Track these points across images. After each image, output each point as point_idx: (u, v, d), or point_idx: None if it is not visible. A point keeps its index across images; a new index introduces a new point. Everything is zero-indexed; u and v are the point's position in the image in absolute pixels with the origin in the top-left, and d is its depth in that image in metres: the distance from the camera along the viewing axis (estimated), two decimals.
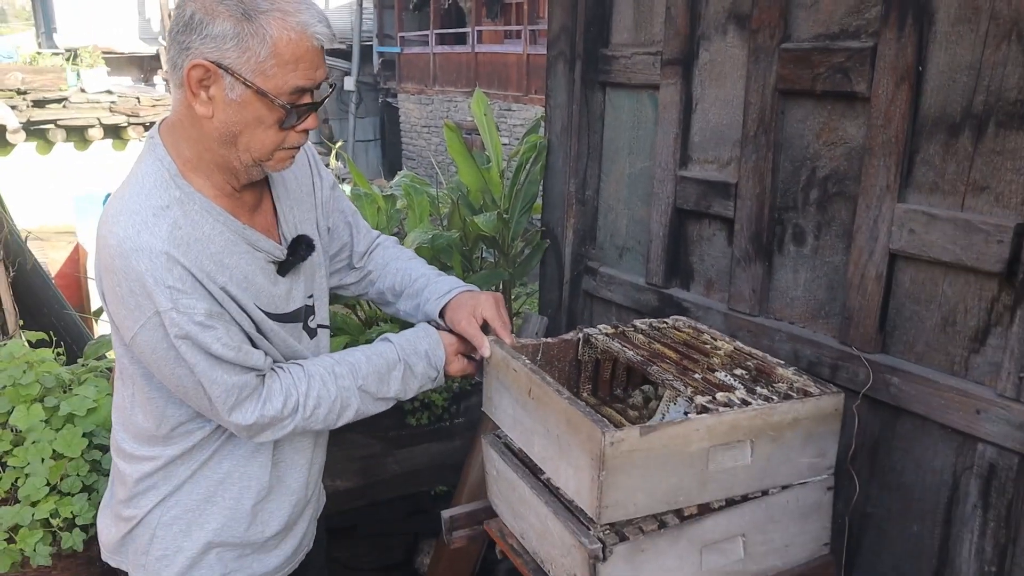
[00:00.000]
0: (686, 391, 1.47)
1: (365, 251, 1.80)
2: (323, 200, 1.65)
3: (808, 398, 1.46)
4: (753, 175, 1.91)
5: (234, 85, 1.28)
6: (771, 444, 1.44)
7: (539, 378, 1.47)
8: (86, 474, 2.11)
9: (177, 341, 1.31)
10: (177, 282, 1.29)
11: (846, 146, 1.73)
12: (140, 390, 1.45)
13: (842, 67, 1.68)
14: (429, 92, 18.09)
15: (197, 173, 1.37)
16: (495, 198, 2.73)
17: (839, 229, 1.78)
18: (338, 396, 1.51)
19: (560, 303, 2.59)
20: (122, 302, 1.31)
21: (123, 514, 1.54)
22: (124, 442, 1.51)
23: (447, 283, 1.74)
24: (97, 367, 2.46)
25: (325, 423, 1.51)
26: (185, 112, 1.34)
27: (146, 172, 1.35)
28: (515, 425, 1.58)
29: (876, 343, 1.70)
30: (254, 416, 1.42)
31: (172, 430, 1.47)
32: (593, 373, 1.81)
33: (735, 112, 1.97)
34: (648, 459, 1.33)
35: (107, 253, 1.30)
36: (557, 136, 2.51)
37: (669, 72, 2.11)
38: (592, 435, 1.30)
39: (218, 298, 1.35)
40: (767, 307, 1.96)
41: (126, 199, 1.33)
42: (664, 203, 2.17)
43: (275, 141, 1.35)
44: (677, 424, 1.34)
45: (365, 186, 2.80)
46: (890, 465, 1.72)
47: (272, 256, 1.46)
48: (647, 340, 1.74)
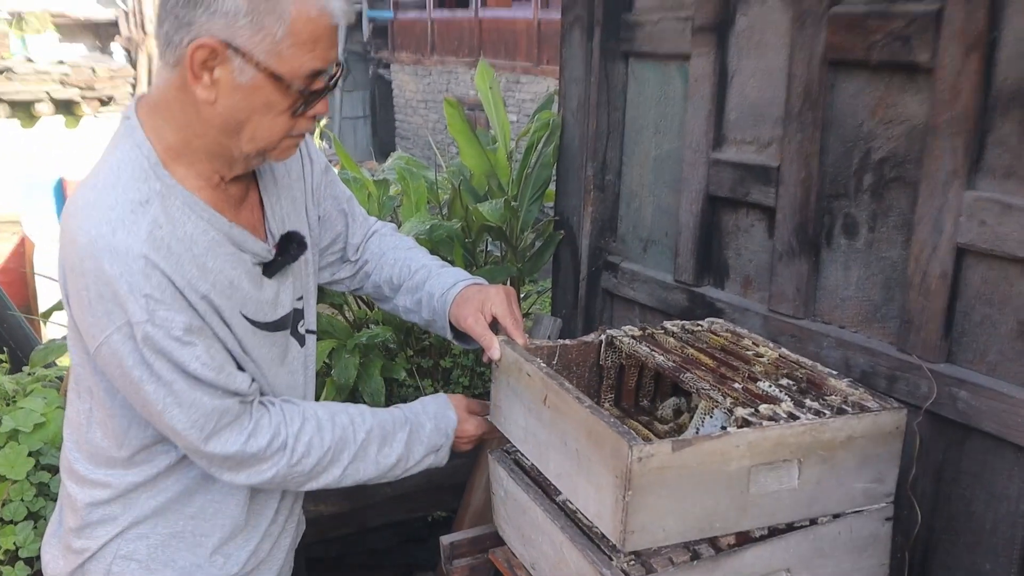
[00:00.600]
0: (724, 402, 1.47)
1: (361, 241, 1.81)
2: (314, 186, 1.65)
3: (865, 414, 1.45)
4: (798, 158, 1.90)
5: (244, 68, 1.27)
6: (821, 465, 1.43)
7: (556, 384, 1.46)
8: (31, 499, 2.12)
9: (150, 356, 1.30)
10: (155, 291, 1.28)
11: (906, 124, 1.73)
12: (100, 405, 1.44)
13: (902, 34, 1.67)
14: (426, 63, 18.11)
15: (180, 161, 1.36)
16: (502, 183, 2.73)
17: (897, 220, 1.77)
18: (332, 446, 1.51)
19: (576, 303, 2.59)
20: (88, 307, 1.29)
21: (73, 545, 1.53)
22: (77, 463, 1.51)
23: (451, 275, 1.74)
24: (46, 376, 2.47)
25: (308, 478, 1.51)
26: (176, 94, 1.32)
27: (122, 160, 1.34)
28: (527, 438, 1.57)
29: (940, 351, 1.69)
30: (235, 447, 1.40)
31: (135, 453, 1.46)
32: (616, 381, 1.81)
33: (777, 86, 1.96)
34: (680, 478, 1.32)
35: (74, 252, 1.28)
36: (573, 113, 2.50)
37: (701, 40, 2.10)
38: (617, 449, 1.29)
39: (200, 310, 1.34)
40: (813, 309, 1.95)
41: (99, 190, 1.31)
42: (695, 189, 2.17)
43: (284, 129, 1.35)
44: (714, 439, 1.33)
45: (353, 169, 2.80)
46: (957, 492, 1.72)
47: (259, 258, 1.46)
48: (679, 344, 1.73)
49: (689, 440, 1.32)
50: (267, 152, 1.38)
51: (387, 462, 1.59)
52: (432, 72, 17.89)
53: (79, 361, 1.44)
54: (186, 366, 1.32)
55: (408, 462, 1.62)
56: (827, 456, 1.43)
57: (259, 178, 1.52)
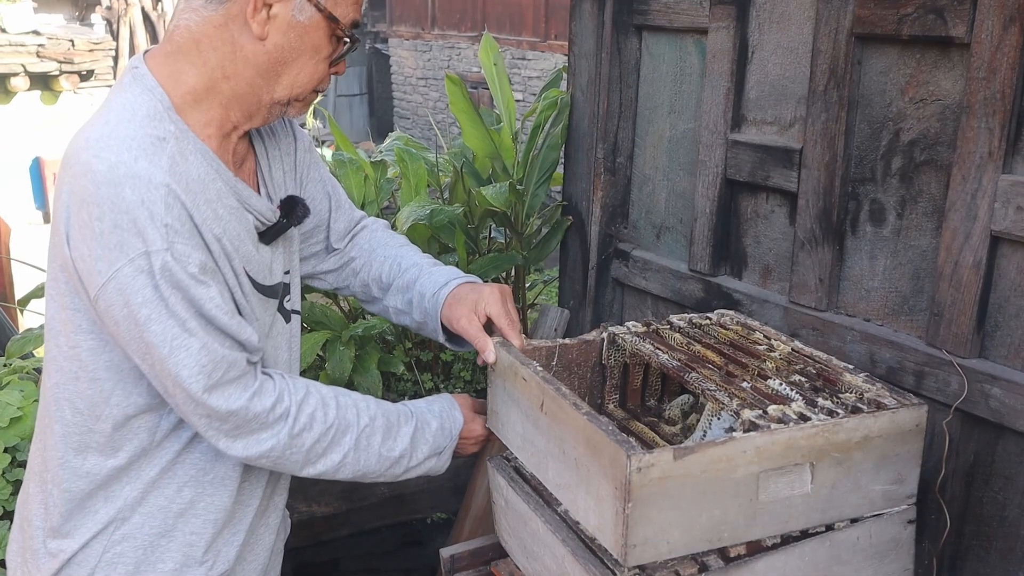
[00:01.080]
0: (731, 403, 1.47)
1: (346, 231, 1.82)
2: (297, 163, 1.68)
3: (881, 411, 1.45)
4: (822, 139, 1.90)
5: (304, 6, 1.39)
6: (836, 468, 1.43)
7: (553, 389, 1.47)
8: (7, 498, 2.13)
9: (165, 289, 1.31)
10: (175, 221, 1.31)
11: (939, 103, 1.72)
12: (78, 372, 1.43)
13: (936, 6, 1.67)
14: (427, 37, 18.07)
15: (197, 107, 1.41)
16: (506, 166, 2.73)
17: (928, 206, 1.77)
18: (335, 424, 1.52)
19: (584, 293, 2.59)
20: (98, 239, 1.30)
21: (48, 547, 1.51)
22: (49, 450, 1.50)
23: (443, 274, 1.75)
24: (23, 368, 2.48)
25: (306, 459, 1.51)
26: (214, 32, 1.39)
27: (134, 102, 1.37)
28: (525, 445, 1.58)
29: (973, 346, 1.69)
30: (239, 402, 1.41)
31: (114, 429, 1.45)
32: (621, 381, 1.81)
33: (800, 62, 1.96)
34: (684, 487, 1.33)
35: (89, 180, 1.30)
36: (583, 91, 2.50)
37: (720, 13, 2.10)
38: (616, 459, 1.30)
39: (214, 252, 1.38)
40: (837, 300, 1.96)
41: (113, 124, 1.35)
42: (712, 173, 2.17)
43: (319, 77, 1.47)
44: (719, 445, 1.34)
45: (350, 150, 2.81)
46: (989, 495, 1.72)
47: (263, 217, 1.50)
48: (685, 341, 1.73)
49: (692, 447, 1.32)
50: (293, 101, 1.48)
51: (390, 455, 1.59)
52: (433, 47, 17.86)
53: (58, 321, 1.43)
54: (201, 305, 1.34)
55: (411, 460, 1.62)
56: (842, 458, 1.43)
57: (255, 143, 1.57)
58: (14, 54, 12.24)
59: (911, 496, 1.52)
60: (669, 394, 1.86)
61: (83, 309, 1.39)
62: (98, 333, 1.40)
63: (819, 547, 1.48)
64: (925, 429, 1.49)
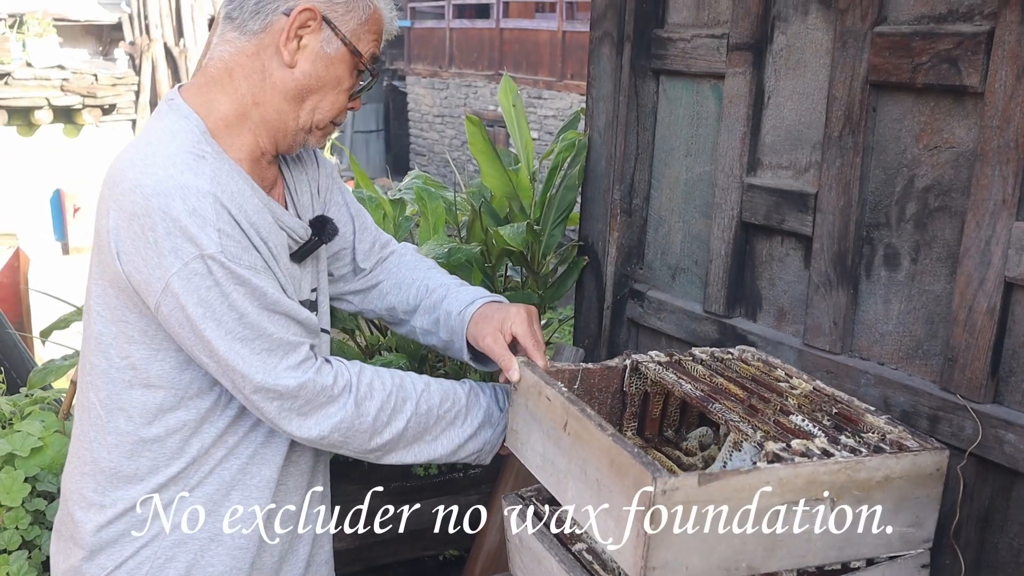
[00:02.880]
0: (755, 435, 1.47)
1: (373, 253, 1.86)
2: (321, 187, 1.75)
3: (904, 453, 1.45)
4: (837, 184, 1.92)
5: (331, 39, 1.51)
6: (856, 506, 1.44)
7: (578, 410, 1.47)
8: (27, 527, 2.14)
9: (225, 286, 1.39)
10: (226, 226, 1.40)
11: (952, 151, 1.74)
12: (136, 376, 1.49)
13: (950, 55, 1.69)
14: (444, 75, 18.24)
15: (228, 133, 1.49)
16: (524, 206, 2.75)
17: (942, 251, 1.78)
18: (394, 391, 1.59)
19: (599, 332, 2.60)
20: (153, 248, 1.37)
21: (96, 561, 1.55)
22: (102, 462, 1.54)
23: (470, 293, 1.78)
24: (44, 398, 2.50)
25: (374, 426, 1.57)
26: (246, 60, 1.50)
27: (171, 128, 1.46)
28: (545, 465, 1.59)
29: (987, 391, 1.70)
30: (304, 376, 1.48)
31: (167, 435, 1.51)
32: (640, 408, 1.82)
33: (816, 108, 1.98)
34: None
35: (139, 195, 1.37)
36: (600, 133, 2.53)
37: (737, 59, 2.13)
38: (640, 481, 1.30)
39: (262, 253, 1.46)
40: (851, 344, 1.96)
41: (154, 145, 1.43)
42: (727, 215, 2.19)
43: (339, 108, 1.57)
44: (743, 474, 1.34)
45: (368, 187, 2.84)
46: (1004, 542, 1.71)
47: (295, 235, 1.58)
48: (708, 373, 1.74)
49: (717, 474, 1.32)
50: (314, 129, 1.57)
51: (447, 416, 1.66)
52: (450, 85, 18.01)
53: (108, 335, 1.49)
54: (263, 293, 1.43)
55: (466, 425, 1.68)
56: (862, 496, 1.43)
57: (283, 169, 1.65)
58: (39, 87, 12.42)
59: (927, 540, 1.52)
60: (687, 426, 1.86)
61: (134, 320, 1.46)
62: (149, 342, 1.47)
63: None
64: (945, 473, 1.49)
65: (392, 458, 1.64)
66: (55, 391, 2.72)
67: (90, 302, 1.51)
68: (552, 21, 15.48)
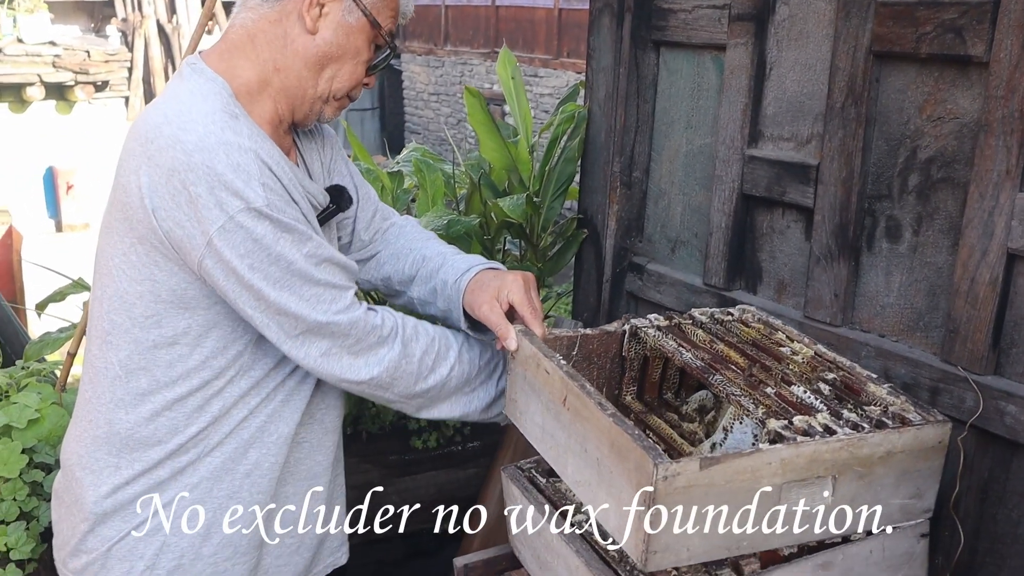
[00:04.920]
0: (756, 411, 1.47)
1: (373, 224, 1.87)
2: (325, 157, 1.78)
3: (907, 428, 1.45)
4: (839, 155, 1.91)
5: (353, 9, 1.55)
6: (857, 481, 1.44)
7: (577, 385, 1.47)
8: (24, 499, 2.14)
9: (272, 236, 1.42)
10: (268, 180, 1.43)
11: (956, 122, 1.73)
12: (162, 336, 1.50)
13: (954, 25, 1.68)
14: (439, 53, 18.15)
15: (250, 100, 1.52)
16: (523, 178, 2.74)
17: (944, 223, 1.78)
18: (437, 337, 1.65)
19: (598, 306, 2.60)
20: (195, 203, 1.39)
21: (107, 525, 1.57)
22: (119, 423, 1.54)
23: (466, 260, 1.78)
24: (40, 371, 2.49)
25: (419, 369, 1.61)
26: (268, 27, 1.53)
27: (203, 89, 1.48)
28: (544, 438, 1.58)
29: (988, 362, 1.70)
30: (356, 313, 1.53)
31: (190, 394, 1.53)
32: (639, 373, 1.81)
33: (818, 79, 1.97)
34: (708, 496, 1.33)
35: (180, 150, 1.39)
36: (600, 105, 2.52)
37: (738, 30, 2.12)
38: (642, 465, 1.30)
39: (302, 208, 1.50)
40: (852, 316, 1.96)
41: (187, 103, 1.45)
42: (728, 188, 2.18)
43: (356, 79, 1.61)
44: (745, 456, 1.34)
45: (367, 160, 2.82)
46: (1003, 513, 1.72)
47: (315, 200, 1.60)
48: (708, 338, 1.73)
49: (718, 457, 1.33)
50: (331, 100, 1.60)
51: (488, 368, 1.73)
52: (445, 63, 17.93)
53: (132, 294, 1.49)
54: (308, 240, 1.47)
55: (502, 380, 1.73)
56: (864, 472, 1.44)
57: (297, 139, 1.68)
58: (30, 64, 12.35)
59: (928, 510, 1.52)
60: (687, 388, 1.86)
61: (162, 279, 1.47)
62: (177, 302, 1.48)
63: (832, 560, 1.48)
64: (947, 446, 1.50)
65: (432, 411, 1.68)
66: (51, 363, 2.71)
67: (110, 261, 1.51)
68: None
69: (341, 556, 1.85)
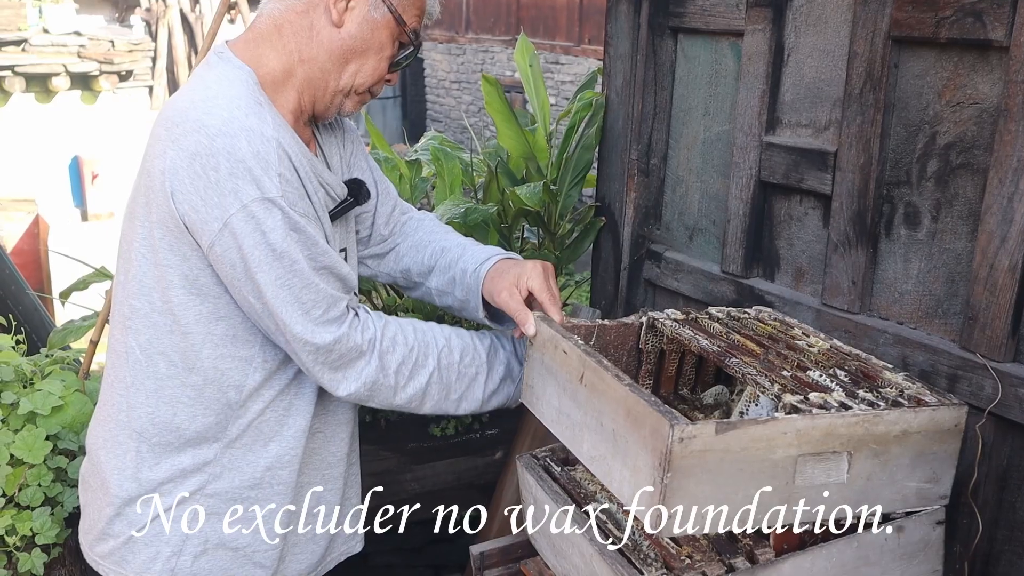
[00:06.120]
0: (772, 388, 1.47)
1: (392, 219, 1.88)
2: (345, 152, 1.79)
3: (922, 408, 1.45)
4: (857, 142, 1.90)
5: (379, 5, 1.57)
6: (873, 460, 1.43)
7: (595, 361, 1.47)
8: (49, 484, 2.17)
9: (280, 232, 1.43)
10: (286, 171, 1.45)
11: (976, 107, 1.72)
12: (176, 322, 1.51)
13: (974, 9, 1.66)
14: (460, 40, 18.12)
15: (275, 89, 1.54)
16: (541, 166, 2.74)
17: (963, 209, 1.76)
18: (416, 346, 1.63)
19: (616, 294, 2.60)
20: (214, 187, 1.40)
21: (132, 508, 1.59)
22: (140, 407, 1.56)
23: (485, 251, 1.80)
24: (64, 358, 2.52)
25: (396, 380, 1.61)
26: (295, 18, 1.55)
27: (228, 75, 1.50)
28: (560, 419, 1.59)
29: (1007, 350, 1.68)
30: (339, 331, 1.52)
31: (205, 383, 1.55)
32: (656, 366, 1.82)
33: (836, 65, 1.96)
34: (723, 463, 1.32)
35: (203, 134, 1.41)
36: (618, 92, 2.51)
37: (756, 15, 2.10)
38: (658, 429, 1.29)
39: (315, 203, 1.52)
40: (870, 303, 1.95)
41: (213, 89, 1.48)
42: (746, 175, 2.17)
43: (378, 75, 1.62)
44: (761, 424, 1.34)
45: (385, 149, 2.83)
46: (1022, 500, 1.71)
47: (333, 192, 1.62)
48: (724, 330, 1.74)
49: (734, 423, 1.32)
50: (353, 94, 1.61)
51: (470, 372, 1.70)
52: (466, 50, 17.90)
53: (151, 278, 1.51)
54: (314, 244, 1.48)
55: (489, 382, 1.73)
56: (880, 450, 1.43)
57: (316, 133, 1.69)
58: (56, 54, 12.42)
59: (944, 496, 1.51)
60: (702, 384, 1.86)
61: (175, 265, 1.48)
62: (188, 287, 1.50)
63: (847, 548, 1.47)
64: (963, 430, 1.49)
65: (425, 410, 1.69)
66: (75, 351, 2.74)
67: (131, 247, 1.53)
68: None
69: (356, 544, 1.86)
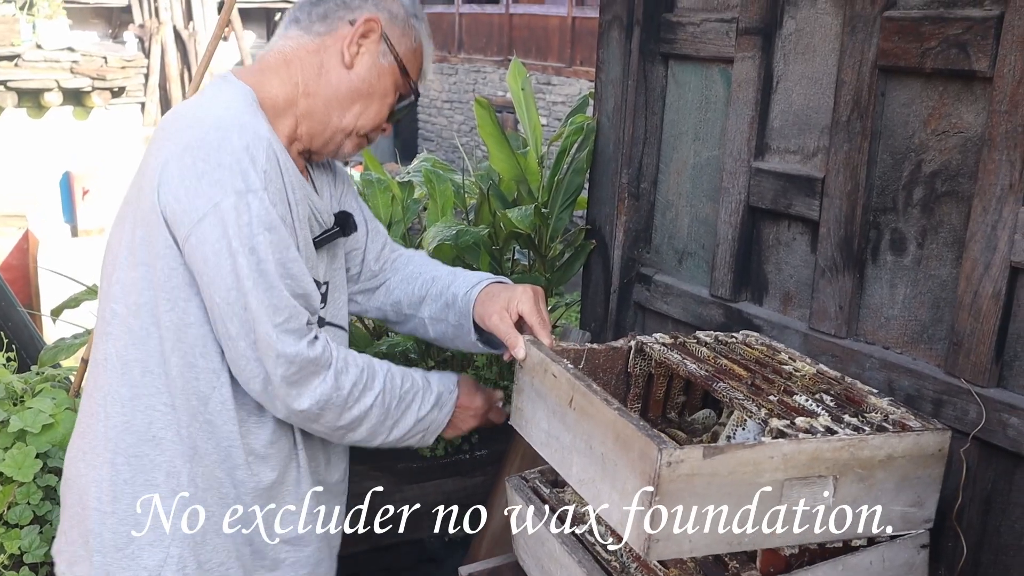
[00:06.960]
0: (759, 413, 1.49)
1: (381, 251, 1.89)
2: (335, 192, 1.80)
3: (907, 433, 1.47)
4: (844, 168, 1.92)
5: (387, 53, 1.63)
6: (858, 484, 1.45)
7: (584, 385, 1.49)
8: (38, 503, 2.16)
9: (257, 226, 1.43)
10: (272, 170, 1.46)
11: (960, 136, 1.74)
12: (154, 325, 1.51)
13: (959, 40, 1.69)
14: (453, 60, 18.20)
15: (274, 113, 1.57)
16: (532, 189, 2.75)
17: (948, 236, 1.78)
18: (366, 367, 1.63)
19: (606, 316, 2.61)
20: (200, 178, 1.42)
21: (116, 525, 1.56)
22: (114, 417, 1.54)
23: (476, 275, 1.83)
24: (54, 376, 2.52)
25: (347, 401, 1.59)
26: (306, 55, 1.60)
27: (229, 92, 1.53)
28: (549, 442, 1.60)
29: (991, 375, 1.70)
30: (300, 345, 1.51)
31: (178, 390, 1.54)
32: (644, 390, 1.83)
33: (824, 93, 1.98)
34: (710, 486, 1.34)
35: (197, 128, 1.45)
36: (609, 117, 2.53)
37: (746, 43, 2.13)
38: (646, 453, 1.31)
39: (293, 214, 1.52)
40: (856, 328, 1.97)
41: (211, 97, 1.52)
42: (735, 200, 2.19)
43: (379, 119, 1.67)
44: (748, 448, 1.35)
45: (378, 170, 2.85)
46: (1007, 525, 1.72)
47: (321, 217, 1.63)
48: (712, 354, 1.75)
49: (722, 447, 1.34)
50: (353, 135, 1.65)
51: (408, 397, 1.69)
52: (458, 70, 17.97)
53: (129, 280, 1.50)
54: (286, 249, 1.48)
55: (421, 407, 1.71)
56: (865, 475, 1.45)
57: (309, 167, 1.71)
58: (48, 69, 12.41)
59: (928, 520, 1.53)
60: (690, 408, 1.87)
61: (150, 263, 1.48)
62: (161, 288, 1.49)
63: (831, 571, 1.48)
64: (947, 454, 1.51)
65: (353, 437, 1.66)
66: (65, 369, 2.74)
67: (116, 251, 1.54)
68: (562, 7, 15.42)
69: None
